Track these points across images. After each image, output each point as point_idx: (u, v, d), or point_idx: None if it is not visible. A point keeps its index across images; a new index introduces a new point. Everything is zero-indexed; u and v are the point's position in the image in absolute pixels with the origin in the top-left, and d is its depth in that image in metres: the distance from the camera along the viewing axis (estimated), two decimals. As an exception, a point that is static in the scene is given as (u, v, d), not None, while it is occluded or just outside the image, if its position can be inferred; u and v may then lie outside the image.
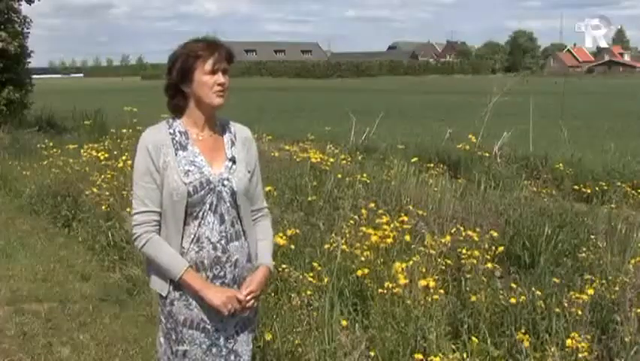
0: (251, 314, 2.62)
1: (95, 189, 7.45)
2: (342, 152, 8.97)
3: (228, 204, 2.51)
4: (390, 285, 4.00)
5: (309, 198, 6.30)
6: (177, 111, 2.55)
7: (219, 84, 2.46)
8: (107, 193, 7.17)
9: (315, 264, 4.50)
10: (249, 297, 2.50)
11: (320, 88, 57.62)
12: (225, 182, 2.50)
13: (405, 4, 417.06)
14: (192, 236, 2.47)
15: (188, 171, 2.46)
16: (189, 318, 2.50)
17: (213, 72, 2.46)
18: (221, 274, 2.50)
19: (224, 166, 2.52)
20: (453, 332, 3.98)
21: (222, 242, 2.49)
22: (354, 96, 40.33)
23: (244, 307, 2.50)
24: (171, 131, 2.51)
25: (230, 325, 2.55)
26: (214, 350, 2.52)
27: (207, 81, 2.45)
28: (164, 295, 2.50)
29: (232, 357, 2.56)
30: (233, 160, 2.55)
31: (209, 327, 2.51)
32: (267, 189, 6.05)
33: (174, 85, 2.50)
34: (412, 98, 39.38)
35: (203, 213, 2.47)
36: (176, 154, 2.47)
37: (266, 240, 2.68)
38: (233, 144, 2.58)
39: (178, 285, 2.47)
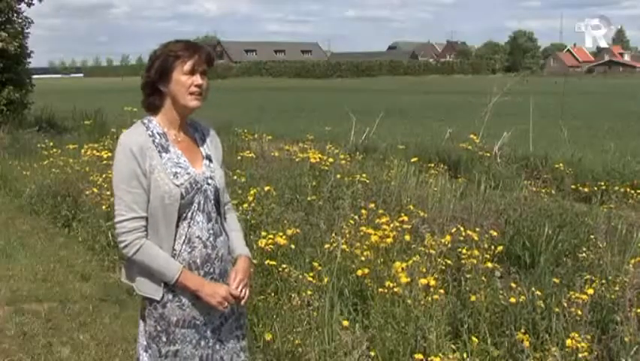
0: (234, 305, 2.64)
1: (95, 189, 7.45)
2: (341, 152, 8.97)
3: (212, 202, 2.54)
4: (391, 285, 4.00)
5: (309, 198, 6.30)
6: (152, 110, 2.55)
7: (197, 85, 2.46)
8: (108, 193, 7.17)
9: (315, 264, 4.50)
10: (240, 286, 2.53)
11: (320, 88, 57.62)
12: (209, 180, 2.53)
13: (405, 4, 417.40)
14: (183, 237, 2.47)
15: (176, 173, 2.46)
16: (182, 318, 2.50)
17: (192, 73, 2.45)
18: (211, 270, 2.53)
19: (204, 165, 2.55)
20: (453, 332, 3.98)
21: (211, 239, 2.52)
22: (354, 96, 40.34)
23: (238, 299, 2.53)
24: (150, 133, 2.50)
25: (215, 316, 2.57)
26: (202, 343, 2.55)
27: (185, 82, 2.45)
28: (158, 298, 2.49)
29: (217, 346, 2.59)
30: (209, 158, 2.58)
31: (199, 323, 2.53)
32: (266, 188, 6.07)
33: (152, 83, 2.50)
34: (412, 98, 39.38)
35: (192, 214, 2.48)
36: (160, 157, 2.46)
37: (238, 231, 2.73)
38: (204, 142, 2.61)
39: (170, 287, 2.47)
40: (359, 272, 4.31)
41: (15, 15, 16.89)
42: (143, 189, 2.43)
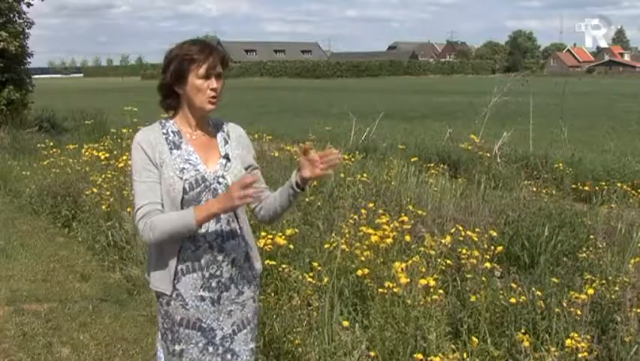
0: (249, 314, 2.62)
1: (95, 189, 7.45)
2: (341, 152, 8.96)
3: None
4: (391, 285, 4.00)
5: (308, 199, 6.29)
6: (170, 110, 2.57)
7: (212, 89, 2.46)
8: (108, 193, 7.17)
9: (315, 264, 4.50)
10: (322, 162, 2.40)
11: (320, 88, 57.59)
12: (221, 179, 2.50)
13: (405, 4, 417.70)
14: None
15: (184, 168, 2.46)
16: (185, 318, 2.50)
17: (207, 77, 2.46)
18: (218, 273, 2.50)
19: (219, 164, 2.53)
20: (453, 332, 3.98)
21: (218, 241, 2.49)
22: (354, 96, 40.30)
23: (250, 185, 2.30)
24: (164, 131, 2.52)
25: (227, 324, 2.55)
26: (210, 348, 2.53)
27: (201, 85, 2.45)
28: (168, 293, 2.49)
29: (229, 356, 2.56)
30: (227, 157, 2.55)
31: (204, 326, 2.51)
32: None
33: (168, 85, 2.50)
34: (412, 98, 39.36)
35: None
36: (170, 153, 2.47)
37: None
38: (226, 142, 2.59)
39: (175, 286, 2.48)
40: (359, 272, 4.30)
41: (17, 16, 16.90)
42: (155, 179, 2.44)
